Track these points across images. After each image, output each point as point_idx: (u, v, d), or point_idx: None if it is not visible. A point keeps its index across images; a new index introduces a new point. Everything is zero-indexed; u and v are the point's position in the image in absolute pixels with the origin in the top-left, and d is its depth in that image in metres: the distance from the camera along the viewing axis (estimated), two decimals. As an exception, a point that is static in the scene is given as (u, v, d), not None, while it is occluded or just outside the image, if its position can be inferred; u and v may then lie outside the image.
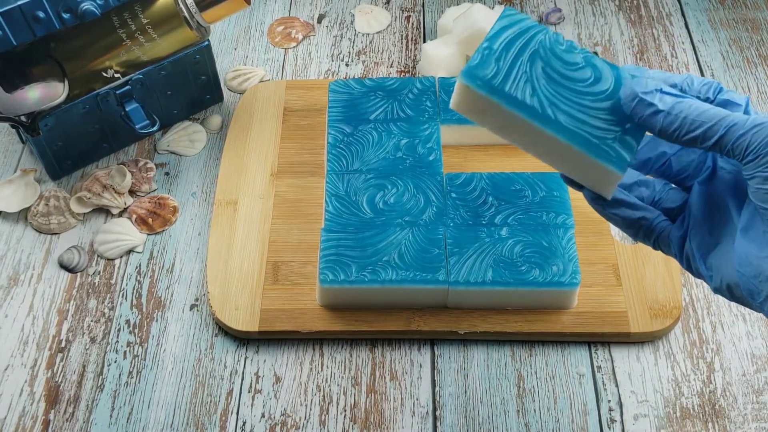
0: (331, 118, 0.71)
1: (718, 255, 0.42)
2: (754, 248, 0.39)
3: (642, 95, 0.40)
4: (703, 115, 0.39)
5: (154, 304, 0.66)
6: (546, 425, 0.59)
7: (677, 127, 0.39)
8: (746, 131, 0.38)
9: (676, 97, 0.40)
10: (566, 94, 0.42)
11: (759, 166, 0.37)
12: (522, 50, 0.42)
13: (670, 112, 0.39)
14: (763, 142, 0.37)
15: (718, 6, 0.90)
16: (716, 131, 0.38)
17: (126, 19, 0.67)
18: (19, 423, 0.59)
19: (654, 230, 0.45)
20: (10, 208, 0.71)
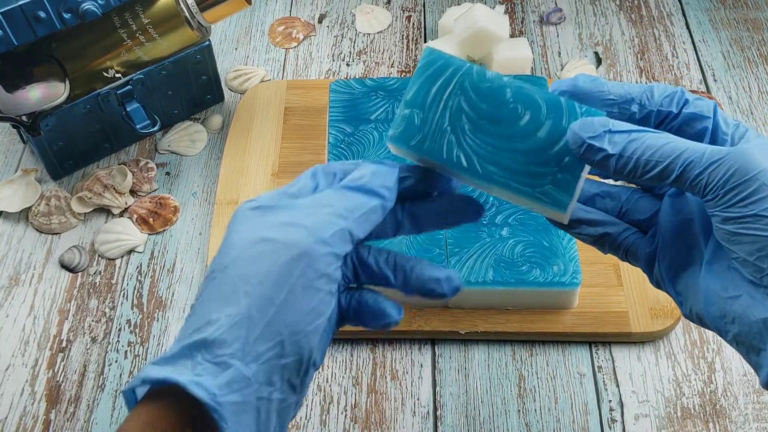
0: (331, 118, 0.71)
1: (686, 280, 0.40)
2: (718, 286, 0.38)
3: (589, 141, 0.37)
4: (657, 153, 0.36)
5: (155, 304, 0.66)
6: (547, 425, 0.59)
7: (631, 169, 0.37)
8: (703, 170, 0.35)
9: (628, 134, 0.37)
10: (494, 143, 0.39)
11: (717, 205, 0.36)
12: (446, 101, 0.40)
13: (622, 155, 0.36)
14: (720, 181, 0.35)
15: (719, 6, 0.90)
16: (672, 170, 0.36)
17: (127, 19, 0.67)
18: (20, 423, 0.60)
19: (620, 245, 0.43)
20: (11, 208, 0.71)
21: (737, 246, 0.36)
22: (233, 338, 0.34)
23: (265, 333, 0.34)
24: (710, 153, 0.36)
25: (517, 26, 0.88)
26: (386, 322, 0.40)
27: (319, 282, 0.35)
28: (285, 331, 0.34)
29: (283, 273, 0.34)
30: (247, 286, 0.35)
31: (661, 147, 0.36)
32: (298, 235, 0.35)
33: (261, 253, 0.35)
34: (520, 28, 0.88)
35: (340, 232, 0.36)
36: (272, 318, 0.34)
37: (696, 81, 0.82)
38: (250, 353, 0.34)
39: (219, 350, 0.34)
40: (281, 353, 0.34)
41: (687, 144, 0.36)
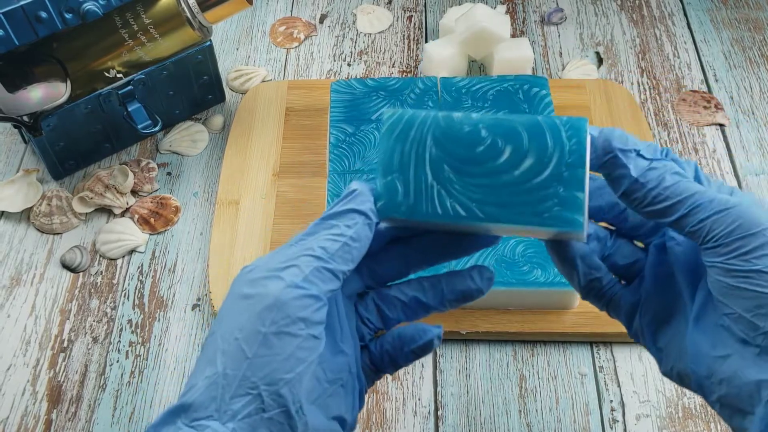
0: (333, 118, 0.71)
1: (670, 336, 0.39)
2: (706, 344, 0.37)
3: (619, 153, 0.36)
4: (670, 189, 0.35)
5: (156, 304, 0.66)
6: (548, 425, 0.59)
7: (640, 197, 0.36)
8: (709, 215, 0.35)
9: (652, 161, 0.36)
10: (486, 182, 0.37)
11: (719, 255, 0.35)
12: (423, 156, 0.38)
13: (639, 180, 0.36)
14: (725, 231, 0.34)
15: (721, 6, 0.90)
16: (678, 209, 0.35)
17: (128, 19, 0.67)
18: (22, 422, 0.60)
19: (605, 294, 0.42)
20: (12, 208, 0.71)
21: (734, 300, 0.35)
22: (209, 399, 0.34)
23: (240, 389, 0.33)
24: (719, 201, 0.35)
25: (518, 26, 0.88)
26: (429, 338, 0.39)
27: (294, 327, 0.34)
28: (260, 383, 0.33)
29: (256, 324, 0.34)
30: (224, 345, 0.34)
31: (675, 184, 0.36)
32: (271, 286, 0.34)
33: (239, 310, 0.35)
34: (521, 28, 0.88)
35: (315, 272, 0.35)
36: (245, 372, 0.33)
37: (697, 81, 0.82)
38: (227, 412, 0.33)
39: (196, 413, 0.33)
40: (261, 407, 0.33)
41: (699, 188, 0.36)
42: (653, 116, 0.79)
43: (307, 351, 0.34)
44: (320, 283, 0.35)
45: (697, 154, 0.76)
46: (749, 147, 0.76)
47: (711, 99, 0.80)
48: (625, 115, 0.76)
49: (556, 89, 0.76)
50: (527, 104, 0.71)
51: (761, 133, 0.77)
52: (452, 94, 0.72)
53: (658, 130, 0.78)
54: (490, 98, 0.72)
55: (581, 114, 0.75)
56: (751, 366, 0.35)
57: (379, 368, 0.41)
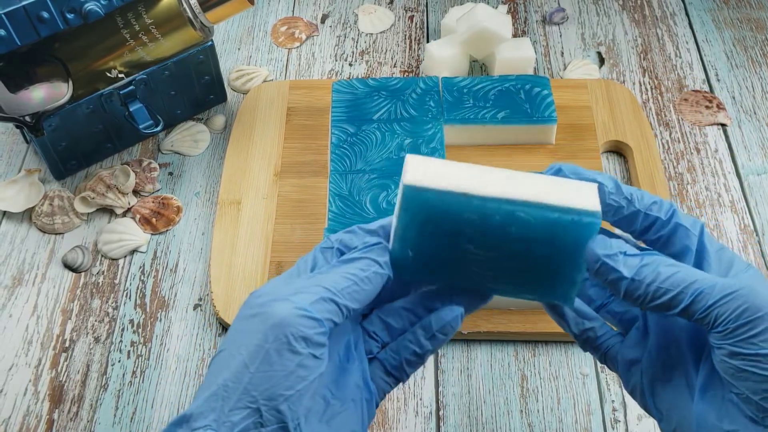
0: (334, 118, 0.71)
1: (672, 401, 0.39)
2: (713, 415, 0.37)
3: (605, 259, 0.37)
4: (668, 281, 0.36)
5: (158, 304, 0.66)
6: (549, 425, 0.59)
7: (641, 294, 0.36)
8: (714, 302, 0.35)
9: (641, 258, 0.37)
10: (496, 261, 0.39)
11: (726, 338, 0.35)
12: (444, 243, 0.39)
13: (635, 278, 0.36)
14: (731, 315, 0.34)
15: (723, 6, 0.90)
16: (681, 300, 0.35)
17: (130, 20, 0.67)
18: (24, 422, 0.60)
19: (599, 346, 0.42)
20: (14, 208, 0.71)
21: (741, 383, 0.35)
22: (209, 410, 0.34)
23: (240, 402, 0.34)
24: (721, 286, 0.35)
25: (519, 26, 0.88)
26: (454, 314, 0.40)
27: (297, 345, 0.34)
28: (260, 397, 0.34)
29: (260, 341, 0.34)
30: (229, 361, 0.35)
31: (672, 275, 0.36)
32: (279, 307, 0.35)
33: (245, 329, 0.35)
34: (523, 28, 0.87)
35: (321, 301, 0.36)
36: (246, 386, 0.34)
37: (699, 81, 0.82)
38: (225, 423, 0.34)
39: (195, 423, 0.34)
40: (260, 421, 0.34)
41: (697, 274, 0.36)
42: (655, 116, 0.79)
43: (308, 370, 0.35)
44: (325, 312, 0.36)
45: (698, 154, 0.75)
46: (751, 147, 0.76)
47: (713, 99, 0.80)
48: (626, 115, 0.76)
49: (558, 89, 0.76)
50: (529, 104, 0.71)
51: (763, 132, 0.77)
52: (454, 94, 0.72)
53: (660, 130, 0.78)
54: (492, 98, 0.72)
55: (582, 113, 0.75)
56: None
57: (394, 375, 0.41)
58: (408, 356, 0.41)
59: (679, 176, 0.74)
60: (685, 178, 0.74)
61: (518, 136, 0.71)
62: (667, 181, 0.73)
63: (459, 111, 0.71)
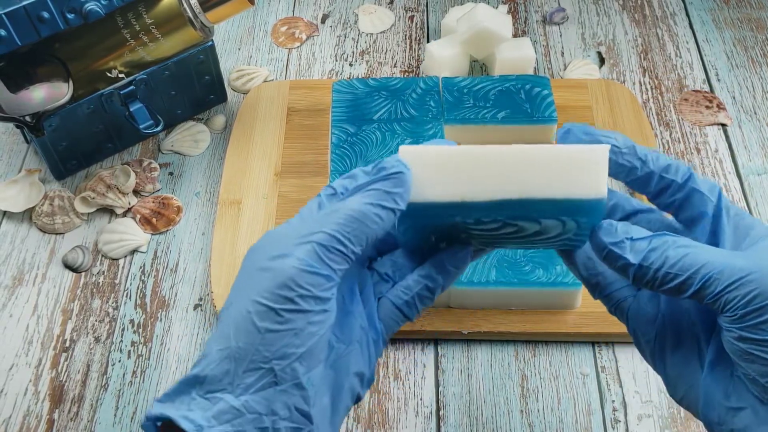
0: (334, 118, 0.71)
1: (680, 368, 0.39)
2: (719, 393, 0.37)
3: (611, 246, 0.37)
4: (677, 266, 0.35)
5: (158, 304, 0.66)
6: (550, 425, 0.59)
7: (650, 279, 0.36)
8: (723, 288, 0.34)
9: (648, 241, 0.36)
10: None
11: (734, 322, 0.35)
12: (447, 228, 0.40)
13: (642, 264, 0.36)
14: (741, 302, 0.34)
15: (723, 5, 0.90)
16: (691, 285, 0.35)
17: (130, 20, 0.67)
18: (24, 422, 0.60)
19: (611, 296, 0.42)
20: (14, 208, 0.71)
21: (749, 365, 0.35)
22: (223, 372, 0.34)
23: (253, 363, 0.34)
24: (731, 270, 0.35)
25: (519, 26, 0.88)
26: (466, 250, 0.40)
27: (305, 304, 0.35)
28: (272, 357, 0.34)
29: (268, 300, 0.35)
30: (237, 318, 0.35)
31: (681, 259, 0.35)
32: (284, 263, 0.35)
33: (254, 284, 0.36)
34: (523, 28, 0.87)
35: (327, 252, 0.35)
36: (258, 347, 0.34)
37: (699, 81, 0.82)
38: (240, 385, 0.34)
39: (210, 385, 0.35)
40: (275, 380, 0.34)
41: (707, 256, 0.35)
42: (655, 116, 0.79)
43: (318, 325, 0.35)
44: (332, 263, 0.35)
45: (699, 154, 0.75)
46: (751, 147, 0.76)
47: (713, 99, 0.80)
48: (626, 115, 0.76)
49: (558, 89, 0.76)
50: (529, 104, 0.71)
51: (763, 133, 0.77)
52: (454, 94, 0.72)
53: (660, 130, 0.78)
54: (492, 98, 0.72)
55: (582, 113, 0.75)
56: (764, 424, 0.35)
57: (403, 311, 0.41)
58: (419, 290, 0.41)
59: (679, 176, 0.74)
60: (685, 178, 0.74)
61: (518, 136, 0.71)
62: (668, 181, 0.73)
63: (459, 111, 0.71)
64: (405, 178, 0.37)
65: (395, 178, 0.37)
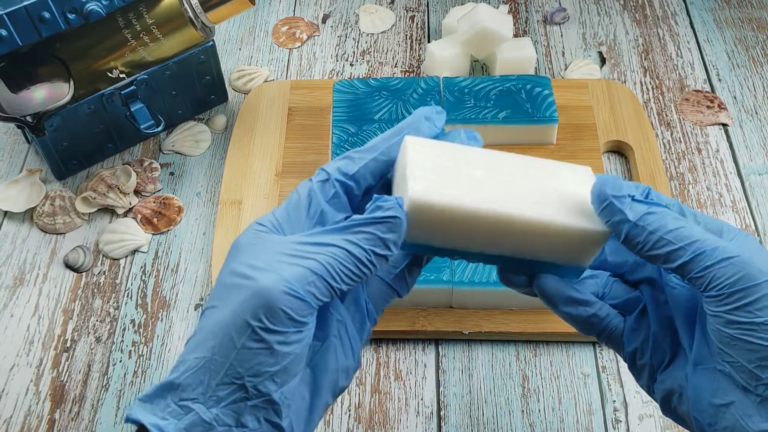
0: (335, 118, 0.71)
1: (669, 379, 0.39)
2: (707, 392, 0.37)
3: (613, 199, 0.36)
4: (672, 234, 0.35)
5: (159, 304, 0.66)
6: (551, 425, 0.59)
7: (642, 241, 0.36)
8: (712, 264, 0.34)
9: (649, 206, 0.36)
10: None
11: (720, 304, 0.35)
12: None
13: (638, 224, 0.36)
14: (728, 281, 0.34)
15: (724, 5, 0.89)
16: (681, 255, 0.35)
17: (131, 20, 0.67)
18: (25, 422, 0.60)
19: (604, 329, 0.41)
20: (15, 208, 0.71)
21: (735, 351, 0.35)
22: (197, 382, 0.35)
23: (226, 377, 0.34)
24: (722, 249, 0.35)
25: (520, 26, 0.88)
26: None
27: (282, 326, 0.34)
28: (245, 374, 0.34)
29: (246, 316, 0.34)
30: (215, 327, 0.35)
31: (677, 229, 0.35)
32: (269, 280, 0.35)
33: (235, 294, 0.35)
34: (524, 28, 0.87)
35: (314, 284, 0.35)
36: (233, 362, 0.34)
37: (700, 81, 0.82)
38: (212, 397, 0.35)
39: (184, 393, 0.35)
40: (246, 396, 0.35)
41: (702, 234, 0.35)
42: (656, 116, 0.79)
43: (294, 345, 0.35)
44: (317, 294, 0.35)
45: (700, 154, 0.75)
46: (752, 147, 0.76)
47: (714, 99, 0.80)
48: (627, 115, 0.75)
49: (559, 89, 0.76)
50: (530, 104, 0.71)
51: (764, 132, 0.77)
52: (455, 94, 0.72)
53: (661, 129, 0.78)
54: (493, 98, 0.72)
55: (583, 113, 0.75)
56: (754, 414, 0.35)
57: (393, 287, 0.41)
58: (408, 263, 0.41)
59: (680, 176, 0.74)
60: (686, 178, 0.74)
61: (519, 136, 0.71)
62: (669, 181, 0.73)
63: (460, 111, 0.71)
64: (400, 224, 0.36)
65: (391, 224, 0.36)
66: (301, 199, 0.39)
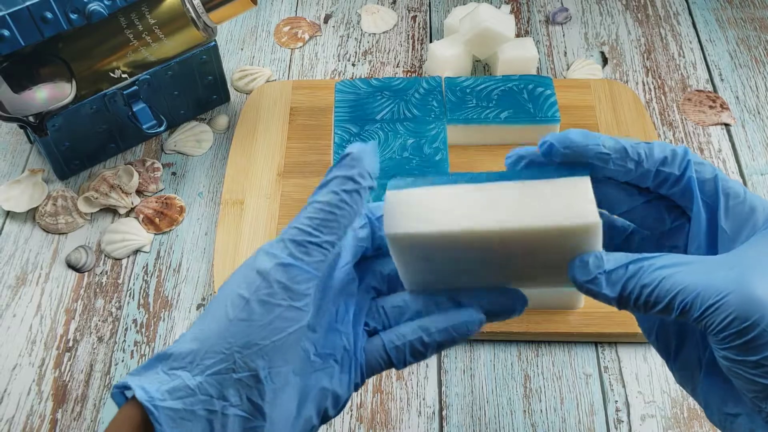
0: (337, 118, 0.71)
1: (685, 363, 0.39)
2: (717, 398, 0.37)
3: (587, 285, 0.36)
4: (654, 293, 0.35)
5: (161, 304, 0.66)
6: (553, 425, 0.59)
7: (633, 307, 0.36)
8: (700, 314, 0.34)
9: (625, 269, 0.36)
10: None
11: (716, 344, 0.35)
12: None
13: (622, 295, 0.36)
14: (719, 326, 0.34)
15: (726, 5, 0.89)
16: (672, 310, 0.35)
17: (133, 20, 0.67)
18: (27, 422, 0.60)
19: None
20: (18, 208, 0.71)
21: (736, 380, 0.35)
22: (188, 351, 0.35)
23: (216, 346, 0.35)
24: (707, 292, 0.34)
25: (522, 26, 0.88)
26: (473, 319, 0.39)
27: (276, 297, 0.35)
28: (235, 344, 0.34)
29: (241, 290, 0.35)
30: (215, 307, 0.36)
31: (658, 285, 0.35)
32: (261, 258, 0.36)
33: (234, 277, 0.36)
34: (526, 28, 0.87)
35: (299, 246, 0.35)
36: (224, 332, 0.35)
37: (703, 80, 0.82)
38: (198, 366, 0.35)
39: (174, 362, 0.35)
40: (233, 368, 0.35)
41: (684, 278, 0.35)
42: (658, 116, 0.79)
43: (288, 321, 0.35)
44: (305, 256, 0.35)
45: (702, 154, 0.75)
46: (755, 147, 0.76)
47: (716, 98, 0.80)
48: (630, 115, 0.75)
49: (561, 89, 0.76)
50: (532, 104, 0.71)
51: (767, 132, 0.77)
52: (457, 93, 0.72)
53: (664, 129, 0.77)
54: (495, 98, 0.72)
55: (585, 113, 0.75)
56: (762, 428, 0.35)
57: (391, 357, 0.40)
58: (413, 341, 0.39)
59: (682, 176, 0.74)
60: (688, 178, 0.74)
61: (521, 136, 0.71)
62: (671, 181, 0.73)
63: (462, 111, 0.71)
64: (357, 156, 0.36)
65: (348, 160, 0.36)
66: None
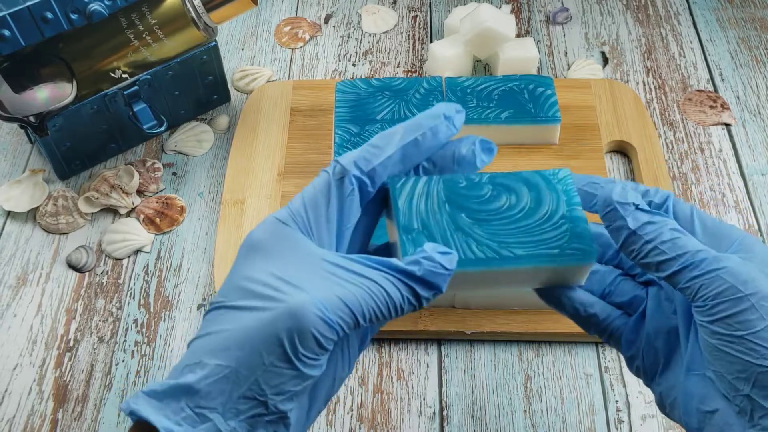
0: (338, 118, 0.71)
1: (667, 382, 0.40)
2: (695, 398, 0.38)
3: (617, 205, 0.38)
4: (665, 245, 0.36)
5: (162, 304, 0.66)
6: (553, 425, 0.59)
7: (636, 249, 0.37)
8: (698, 275, 0.35)
9: (652, 215, 0.37)
10: (502, 226, 0.40)
11: (705, 314, 0.35)
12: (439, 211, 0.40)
13: (636, 231, 0.37)
14: (712, 292, 0.35)
15: (727, 5, 0.89)
16: (671, 266, 0.36)
17: (134, 20, 0.67)
18: (28, 422, 0.60)
19: (606, 329, 0.42)
20: (18, 208, 0.71)
21: (718, 361, 0.36)
22: (218, 392, 0.34)
23: (250, 392, 0.34)
24: (709, 261, 0.36)
25: (523, 26, 0.88)
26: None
27: (309, 352, 0.34)
28: (270, 392, 0.34)
29: (278, 335, 0.34)
30: (241, 337, 0.34)
31: (671, 240, 0.36)
32: (301, 299, 0.34)
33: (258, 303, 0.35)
34: (527, 28, 0.87)
35: (343, 312, 0.35)
36: (259, 378, 0.34)
37: (703, 81, 0.82)
38: (231, 409, 0.34)
39: (202, 401, 0.34)
40: (265, 412, 0.35)
41: (695, 245, 0.36)
42: (659, 116, 0.79)
43: (318, 369, 0.35)
44: (344, 326, 0.35)
45: (703, 154, 0.75)
46: (755, 147, 0.76)
47: (717, 98, 0.80)
48: (630, 114, 0.75)
49: (562, 89, 0.76)
50: (532, 104, 0.71)
51: (767, 132, 0.77)
52: (457, 93, 0.72)
53: (664, 129, 0.77)
54: (495, 98, 0.72)
55: (585, 113, 0.75)
56: (735, 424, 0.36)
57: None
58: None
59: (683, 176, 0.74)
60: (689, 178, 0.74)
61: (522, 136, 0.71)
62: (671, 181, 0.73)
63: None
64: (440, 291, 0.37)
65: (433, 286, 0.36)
66: (318, 196, 0.38)
